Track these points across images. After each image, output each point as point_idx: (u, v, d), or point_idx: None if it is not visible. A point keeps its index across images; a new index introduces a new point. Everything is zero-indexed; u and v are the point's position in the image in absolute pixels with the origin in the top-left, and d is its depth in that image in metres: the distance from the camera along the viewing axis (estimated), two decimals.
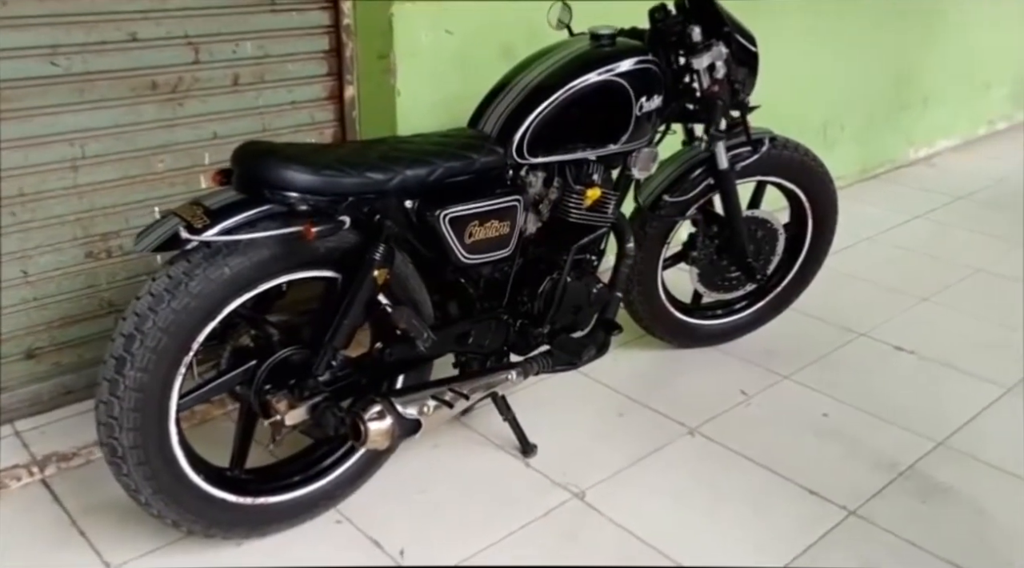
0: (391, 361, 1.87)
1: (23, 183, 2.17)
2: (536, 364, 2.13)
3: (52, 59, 2.12)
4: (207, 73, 2.37)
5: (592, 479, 2.20)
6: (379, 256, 1.76)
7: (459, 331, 2.02)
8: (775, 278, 2.83)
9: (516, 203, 1.98)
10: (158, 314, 1.60)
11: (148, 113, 2.30)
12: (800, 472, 2.25)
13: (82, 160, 2.24)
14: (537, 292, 2.12)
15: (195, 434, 2.19)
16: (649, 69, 2.12)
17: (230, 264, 1.64)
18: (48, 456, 2.18)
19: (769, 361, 2.78)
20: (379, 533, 2.00)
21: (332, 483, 1.98)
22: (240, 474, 1.89)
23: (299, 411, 1.77)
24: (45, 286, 2.27)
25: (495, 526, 2.03)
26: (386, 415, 1.77)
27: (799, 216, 2.76)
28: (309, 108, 2.60)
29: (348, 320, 1.78)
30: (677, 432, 2.42)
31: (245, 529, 1.88)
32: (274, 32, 2.45)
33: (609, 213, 2.22)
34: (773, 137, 2.52)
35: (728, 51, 2.22)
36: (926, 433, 2.43)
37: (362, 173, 1.72)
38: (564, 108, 2.01)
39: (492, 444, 2.33)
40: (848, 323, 3.05)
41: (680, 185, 2.46)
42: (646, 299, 2.62)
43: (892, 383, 2.70)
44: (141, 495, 1.71)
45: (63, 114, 2.17)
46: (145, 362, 1.60)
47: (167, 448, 1.69)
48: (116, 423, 1.62)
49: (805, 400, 2.59)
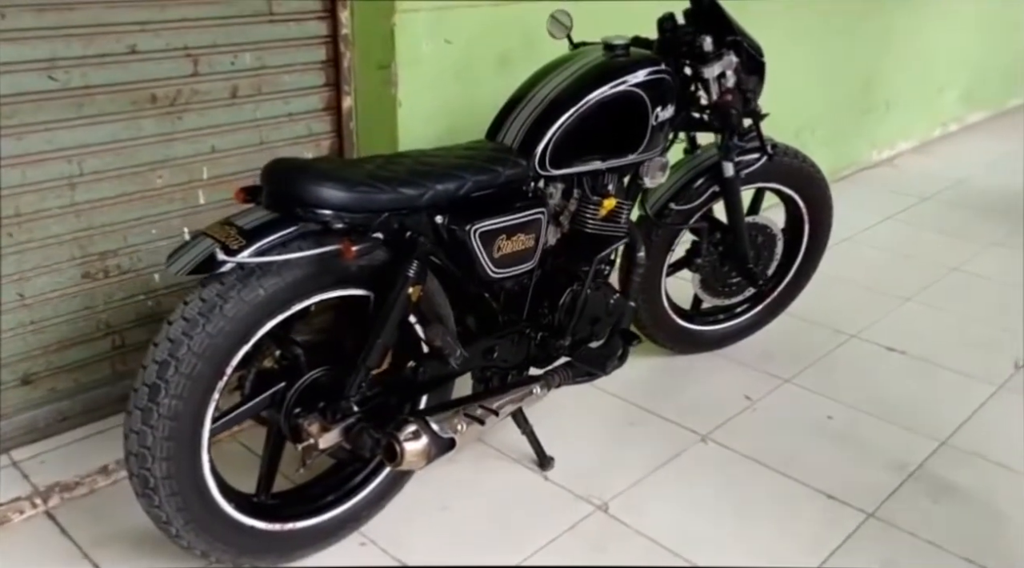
0: (423, 379, 1.84)
1: (20, 202, 2.08)
2: (558, 376, 2.11)
3: (50, 73, 2.04)
4: (206, 85, 2.30)
5: (613, 490, 2.19)
6: (413, 273, 1.73)
7: (485, 346, 1.99)
8: (772, 282, 2.86)
9: (540, 216, 1.96)
10: (193, 339, 1.54)
11: (147, 127, 2.23)
12: (815, 476, 2.28)
13: (80, 177, 2.16)
14: (558, 304, 2.11)
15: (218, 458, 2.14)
16: (663, 79, 2.13)
17: (265, 285, 1.60)
18: (51, 486, 2.09)
19: (768, 365, 2.81)
20: (404, 553, 1.96)
21: (359, 504, 1.94)
22: (267, 500, 1.83)
23: (332, 434, 1.73)
24: (42, 309, 2.18)
25: (522, 542, 2.01)
26: (421, 435, 1.74)
27: (796, 221, 2.80)
28: (306, 120, 2.54)
29: (382, 339, 1.74)
30: (690, 440, 2.43)
31: (275, 556, 1.83)
32: (272, 43, 2.40)
33: (623, 222, 2.22)
34: (774, 144, 2.55)
35: (738, 60, 2.23)
36: (929, 432, 2.48)
37: (395, 189, 1.69)
38: (584, 119, 2.00)
39: (508, 458, 2.31)
40: (838, 325, 3.10)
41: (686, 193, 2.47)
42: (650, 306, 2.63)
43: (888, 383, 2.75)
44: (172, 527, 1.64)
45: (61, 130, 2.09)
46: (180, 389, 1.54)
47: (200, 477, 1.64)
48: (149, 453, 1.56)
49: (808, 403, 2.63)
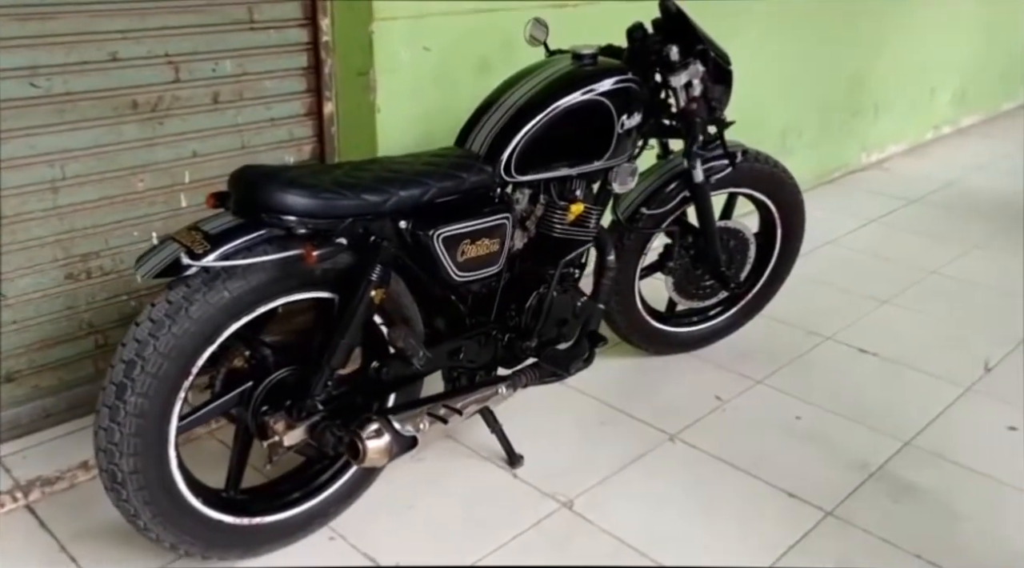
0: (387, 379, 1.90)
1: (2, 205, 2.14)
2: (524, 377, 2.17)
3: (32, 80, 2.10)
4: (187, 91, 2.36)
5: (579, 488, 2.25)
6: (376, 277, 1.79)
7: (451, 347, 2.05)
8: (746, 285, 2.91)
9: (505, 220, 2.02)
10: (159, 339, 1.61)
11: (129, 132, 2.29)
12: (778, 475, 2.33)
13: (62, 181, 2.22)
14: (524, 306, 2.16)
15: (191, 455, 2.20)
16: (630, 87, 2.18)
17: (229, 288, 1.66)
18: (32, 481, 2.16)
19: (742, 366, 2.86)
20: (372, 549, 2.02)
21: (326, 501, 2.00)
22: (235, 495, 1.89)
23: (297, 432, 1.79)
24: (24, 308, 2.25)
25: (487, 538, 2.07)
26: (384, 433, 1.80)
27: (769, 225, 2.85)
28: (288, 125, 2.60)
29: (346, 340, 1.80)
30: (658, 439, 2.48)
31: (242, 549, 1.89)
32: (253, 50, 2.46)
33: (591, 227, 2.28)
34: (745, 150, 2.60)
35: (704, 69, 2.28)
36: (893, 433, 2.53)
37: (359, 195, 1.75)
38: (549, 127, 2.05)
39: (478, 456, 2.36)
40: (814, 327, 3.15)
41: (657, 198, 2.52)
42: (624, 309, 2.68)
43: (858, 385, 2.80)
44: (140, 520, 1.71)
45: (43, 135, 2.16)
46: (146, 388, 1.61)
47: (166, 472, 1.70)
48: (116, 449, 1.62)
49: (778, 404, 2.68)
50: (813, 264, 3.68)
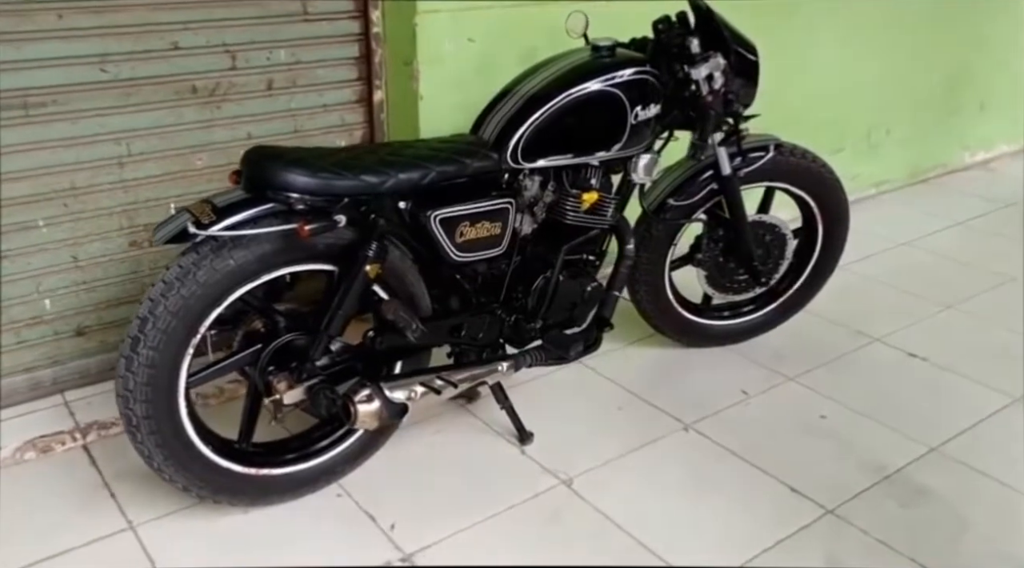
0: (381, 349, 2.03)
1: (74, 178, 2.40)
2: (529, 357, 2.26)
3: (102, 66, 2.35)
4: (243, 78, 2.57)
5: (581, 467, 2.32)
6: (371, 252, 1.92)
7: (451, 323, 2.16)
8: (785, 282, 2.88)
9: (508, 205, 2.11)
10: (168, 300, 1.79)
11: (188, 115, 2.51)
12: (786, 470, 2.33)
13: (128, 158, 2.46)
14: (531, 289, 2.25)
15: (222, 411, 2.41)
16: (645, 79, 2.23)
17: (234, 256, 1.83)
18: (90, 424, 2.42)
19: (777, 362, 2.85)
20: (374, 508, 2.16)
21: (333, 460, 2.15)
22: (247, 447, 2.07)
23: (297, 391, 1.95)
24: (93, 271, 2.51)
25: (482, 506, 2.17)
26: (374, 398, 1.93)
27: (810, 222, 2.81)
28: (340, 111, 2.78)
29: (342, 310, 1.94)
30: (672, 427, 2.52)
31: (249, 498, 2.07)
32: (306, 40, 2.64)
33: (607, 216, 2.34)
34: (779, 144, 2.58)
35: (726, 62, 2.30)
36: (922, 438, 2.47)
37: (357, 176, 1.88)
38: (558, 116, 2.13)
39: (492, 431, 2.47)
40: (864, 328, 3.08)
41: (685, 190, 2.55)
42: (653, 299, 2.72)
43: (897, 389, 2.73)
44: (154, 461, 1.91)
45: (111, 116, 2.40)
46: (156, 342, 1.80)
47: (177, 420, 1.89)
48: (131, 396, 1.82)
49: (806, 402, 2.66)
50: (880, 264, 3.60)
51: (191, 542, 2.04)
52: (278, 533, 2.07)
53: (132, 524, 2.09)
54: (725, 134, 2.43)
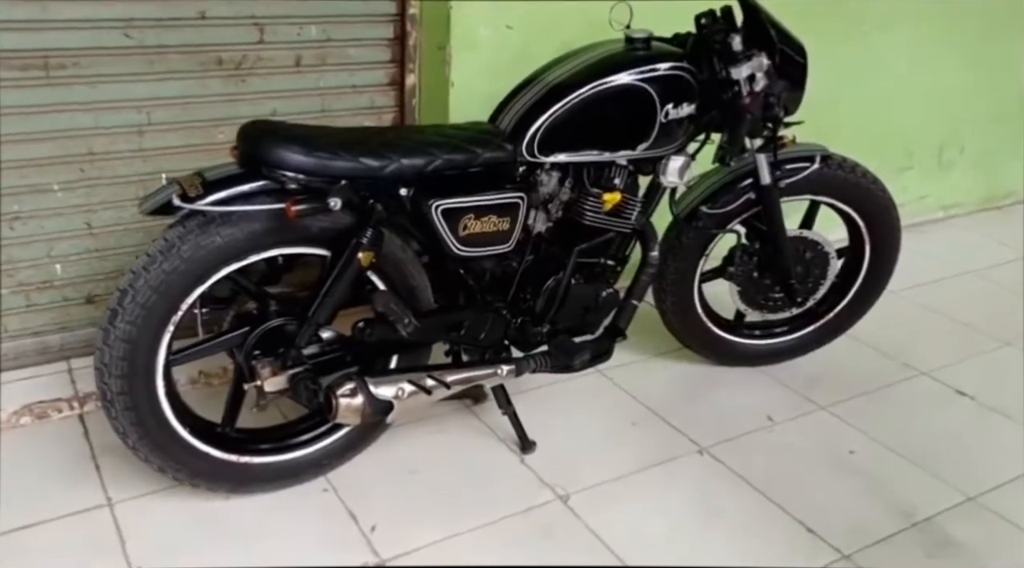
0: (371, 341, 1.93)
1: (92, 143, 2.36)
2: (533, 362, 2.14)
3: (126, 31, 2.30)
4: (271, 53, 2.50)
5: (582, 483, 2.19)
6: (365, 239, 1.82)
7: (451, 320, 2.06)
8: (826, 304, 2.70)
9: (519, 200, 1.99)
10: (150, 273, 1.73)
11: (212, 87, 2.46)
12: (803, 507, 2.16)
13: (148, 126, 2.42)
14: (539, 291, 2.13)
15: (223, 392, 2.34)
16: (679, 75, 2.08)
17: (221, 233, 1.75)
18: (89, 394, 2.38)
19: (810, 389, 2.67)
20: (359, 507, 2.07)
21: (319, 453, 2.07)
22: (230, 432, 2.00)
23: (279, 379, 1.87)
24: (106, 239, 2.48)
25: (470, 516, 2.06)
26: (358, 393, 1.84)
27: (856, 242, 2.62)
28: (370, 92, 2.69)
29: (330, 298, 1.85)
30: (686, 449, 2.37)
31: (228, 484, 1.99)
32: (339, 17, 2.56)
33: (631, 219, 2.20)
34: (827, 155, 2.41)
35: (770, 63, 2.13)
36: (959, 485, 2.27)
37: (356, 158, 1.79)
38: (581, 109, 2.00)
39: (495, 437, 2.36)
40: (911, 359, 2.87)
41: (720, 197, 2.39)
42: (680, 311, 2.57)
43: (939, 428, 2.53)
44: (128, 439, 1.85)
45: (133, 83, 2.35)
46: (134, 316, 1.74)
47: (154, 399, 1.82)
48: (106, 369, 1.77)
49: (835, 433, 2.47)
50: (940, 292, 3.37)
51: (166, 524, 1.98)
52: (254, 523, 2.00)
53: (111, 501, 2.05)
54: (764, 141, 2.26)
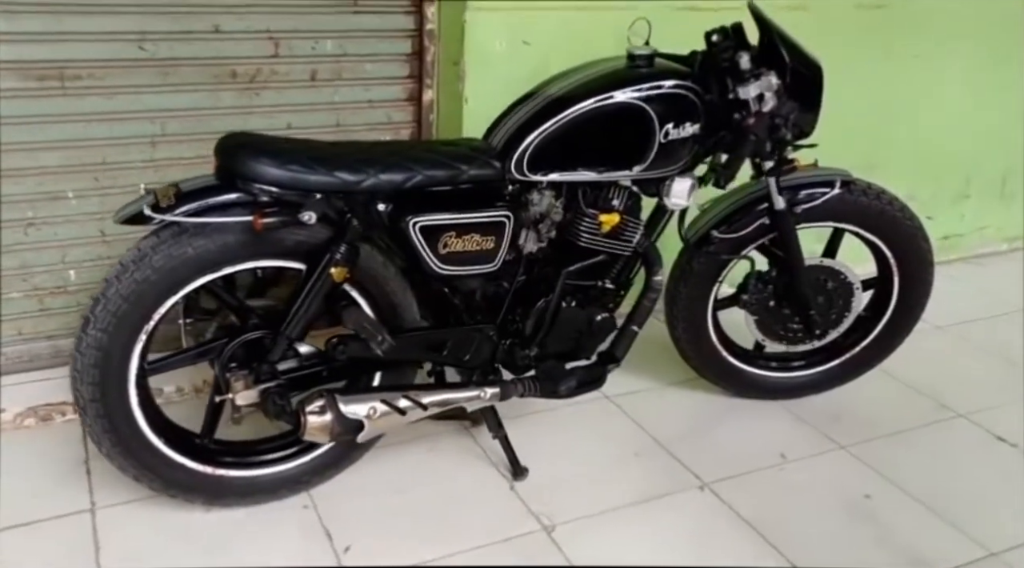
0: (342, 358, 1.89)
1: (106, 153, 2.41)
2: (521, 386, 2.07)
3: (140, 44, 2.34)
4: (285, 67, 2.51)
5: (570, 514, 2.11)
6: (339, 254, 1.79)
7: (431, 339, 2.01)
8: (852, 338, 2.55)
9: (505, 219, 1.93)
10: (121, 282, 1.73)
11: (226, 99, 2.48)
12: (804, 552, 2.03)
13: (161, 137, 2.45)
14: (528, 312, 2.06)
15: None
16: (681, 94, 2.00)
17: (193, 245, 1.75)
18: None
19: (831, 426, 2.52)
20: (336, 526, 2.03)
21: (298, 469, 2.04)
22: (209, 443, 1.99)
23: (251, 393, 1.85)
24: (119, 247, 2.50)
25: (448, 541, 2.00)
26: (327, 411, 1.81)
27: (885, 273, 2.47)
28: (386, 108, 2.68)
29: (302, 312, 1.83)
30: (688, 484, 2.26)
31: (203, 496, 1.98)
32: (355, 32, 2.56)
33: (631, 242, 2.12)
34: (848, 181, 2.28)
35: (780, 82, 2.03)
36: (982, 539, 2.10)
37: (331, 172, 1.76)
38: (573, 128, 1.94)
39: (488, 461, 2.29)
40: (950, 400, 2.69)
41: (732, 222, 2.29)
42: (694, 339, 2.46)
43: (972, 476, 2.35)
44: (102, 446, 1.86)
45: (146, 94, 2.39)
46: (105, 324, 1.74)
47: (127, 407, 1.83)
48: (79, 376, 1.77)
49: (852, 476, 2.33)
50: (992, 330, 3.16)
51: (141, 532, 1.98)
52: (226, 536, 1.98)
53: (94, 506, 2.06)
54: (774, 164, 2.15)
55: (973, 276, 3.59)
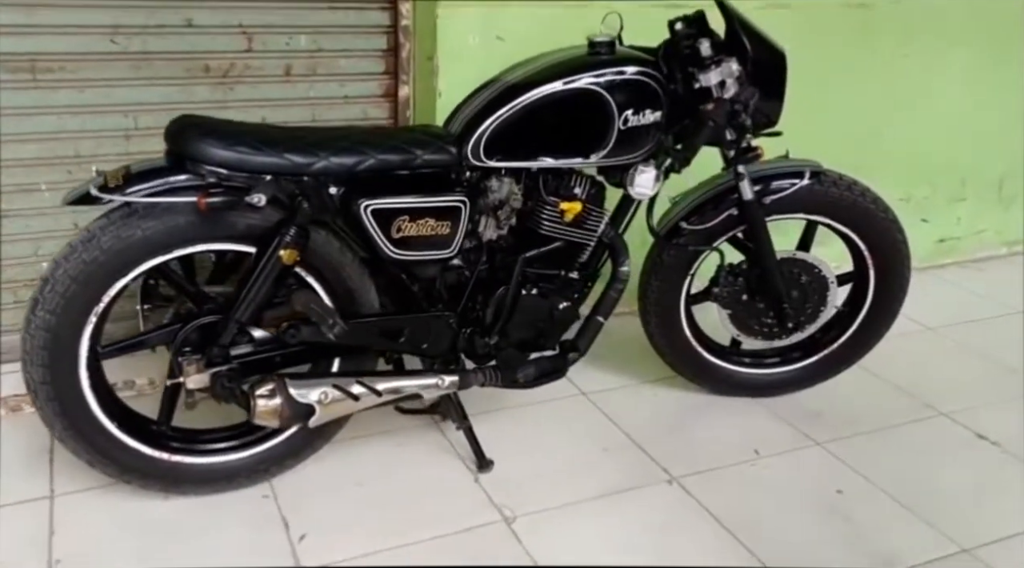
0: (293, 343, 1.88)
1: (79, 146, 2.42)
2: (482, 375, 2.05)
3: (112, 37, 2.36)
4: (259, 62, 2.52)
5: (532, 507, 2.08)
6: (289, 237, 1.79)
7: (386, 326, 1.99)
8: (831, 334, 2.51)
9: (461, 204, 1.92)
10: (69, 263, 1.73)
11: (199, 94, 2.49)
12: (770, 548, 1.98)
13: (134, 130, 2.46)
14: (489, 300, 2.04)
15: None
16: (642, 81, 1.98)
17: (143, 226, 1.74)
18: None
19: (809, 423, 2.47)
20: (294, 515, 2.01)
21: (256, 457, 2.03)
22: (167, 430, 1.98)
23: (202, 377, 1.84)
24: None
25: (405, 532, 1.98)
26: (276, 395, 1.79)
27: (860, 266, 2.43)
28: (362, 104, 2.68)
29: (252, 296, 1.82)
30: (655, 478, 2.22)
31: (159, 483, 1.97)
32: (330, 28, 2.56)
33: (595, 231, 2.10)
34: (818, 171, 2.24)
35: (741, 68, 2.01)
36: (955, 535, 2.05)
37: (280, 154, 1.76)
38: (529, 113, 1.92)
39: (455, 453, 2.26)
40: (933, 399, 2.63)
41: (701, 213, 2.26)
42: (666, 333, 2.43)
43: (949, 473, 2.30)
44: (54, 429, 1.85)
45: (119, 87, 2.41)
46: (53, 305, 1.74)
47: (78, 390, 1.82)
48: (28, 358, 1.77)
49: (827, 472, 2.28)
50: (983, 332, 3.10)
51: (97, 519, 1.97)
52: (184, 524, 1.96)
53: (53, 493, 2.05)
54: (735, 153, 2.12)
55: (969, 280, 3.52)
